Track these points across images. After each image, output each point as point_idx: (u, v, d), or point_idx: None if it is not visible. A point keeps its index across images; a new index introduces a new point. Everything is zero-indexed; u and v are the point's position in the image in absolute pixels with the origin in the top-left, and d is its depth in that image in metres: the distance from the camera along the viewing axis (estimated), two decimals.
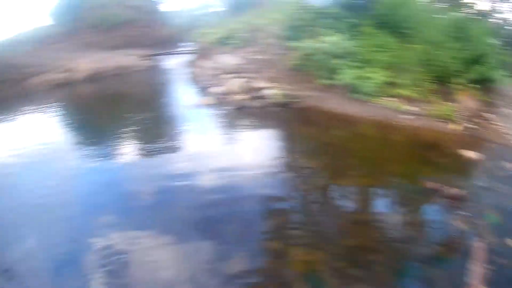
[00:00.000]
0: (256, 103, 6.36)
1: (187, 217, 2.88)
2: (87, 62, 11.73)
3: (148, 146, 4.89)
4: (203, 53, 10.50)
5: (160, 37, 16.77)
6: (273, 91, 6.53)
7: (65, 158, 4.52)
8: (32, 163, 4.28)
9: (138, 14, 17.46)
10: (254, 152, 4.54)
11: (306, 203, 3.22)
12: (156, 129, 5.80)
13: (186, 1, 33.66)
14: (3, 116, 7.90)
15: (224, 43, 9.40)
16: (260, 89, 6.81)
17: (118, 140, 5.23)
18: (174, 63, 12.51)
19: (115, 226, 2.82)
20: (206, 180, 3.55)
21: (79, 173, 3.96)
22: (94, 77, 11.30)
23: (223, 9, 17.90)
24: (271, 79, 6.93)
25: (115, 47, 14.52)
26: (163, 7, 21.24)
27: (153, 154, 4.49)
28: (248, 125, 5.66)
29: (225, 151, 4.55)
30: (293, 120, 5.70)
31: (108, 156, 4.60)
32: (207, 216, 2.88)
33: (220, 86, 7.46)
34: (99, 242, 2.58)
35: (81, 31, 16.13)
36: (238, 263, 2.39)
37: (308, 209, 3.15)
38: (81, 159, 4.45)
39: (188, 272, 2.33)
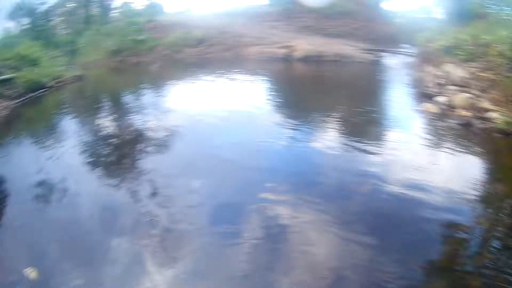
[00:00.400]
0: (478, 124, 5.88)
1: (366, 216, 2.59)
2: (304, 43, 12.41)
3: (351, 140, 4.36)
4: (425, 58, 10.00)
5: (380, 34, 16.23)
6: (496, 114, 5.90)
7: (264, 125, 4.66)
8: (233, 122, 4.62)
9: (359, 7, 17.13)
10: (463, 176, 3.92)
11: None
12: (367, 125, 5.27)
13: (406, 2, 33.93)
14: (217, 75, 9.38)
15: (448, 52, 8.71)
16: (484, 110, 6.21)
17: (323, 126, 5.10)
18: (394, 62, 12.01)
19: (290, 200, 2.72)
20: (393, 187, 3.05)
21: (273, 145, 4.00)
22: (311, 59, 11.69)
23: (444, 16, 16.47)
24: (496, 102, 6.17)
25: (333, 35, 14.69)
26: (384, 4, 20.72)
27: (353, 150, 3.99)
28: (467, 145, 4.95)
29: (432, 166, 3.90)
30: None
31: (308, 137, 4.44)
32: (387, 221, 2.58)
33: (443, 96, 7.14)
34: (265, 207, 2.56)
35: (298, 14, 16.81)
36: (393, 276, 2.06)
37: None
38: (279, 132, 4.41)
39: (334, 261, 2.17)
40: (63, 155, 4.27)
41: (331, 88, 8.27)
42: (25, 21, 35.42)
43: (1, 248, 2.58)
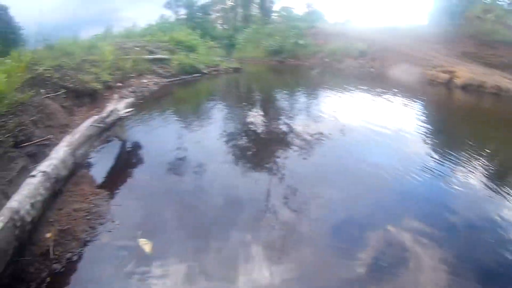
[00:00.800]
0: None
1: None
2: (465, 70, 13.33)
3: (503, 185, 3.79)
4: None
5: None
6: None
7: (415, 153, 4.49)
8: (381, 142, 4.76)
9: None
10: None
11: None
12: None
13: None
14: (377, 90, 10.26)
15: None
16: None
17: (482, 165, 4.40)
18: None
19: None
20: None
21: (419, 174, 3.79)
22: (472, 88, 12.65)
23: None
24: None
25: (493, 65, 15.44)
26: None
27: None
28: None
29: None
30: None
31: (459, 176, 3.96)
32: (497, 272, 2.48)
33: None
34: (388, 235, 2.67)
35: (459, 38, 18.11)
36: None
37: None
38: (429, 164, 4.15)
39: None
40: (202, 139, 4.81)
41: (493, 123, 7.87)
42: (182, 11, 41.03)
43: (125, 214, 2.83)
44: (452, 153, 4.63)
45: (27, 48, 10.53)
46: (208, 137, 4.82)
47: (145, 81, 14.26)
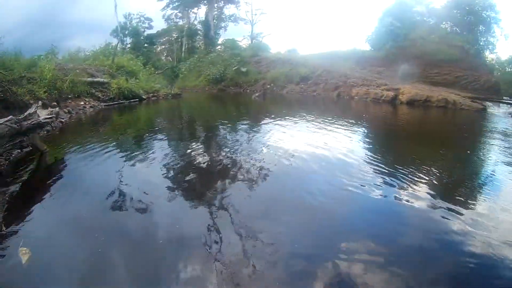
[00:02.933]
0: None
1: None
2: (410, 87, 12.65)
3: (447, 198, 3.67)
4: None
5: (485, 84, 16.23)
6: None
7: (359, 173, 4.26)
8: (325, 167, 4.49)
9: (462, 55, 18.13)
10: None
11: None
12: (471, 179, 4.60)
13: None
14: (320, 114, 9.67)
15: None
16: None
17: (424, 178, 4.24)
18: (502, 111, 12.61)
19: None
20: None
21: (363, 195, 3.61)
22: (417, 103, 12.73)
23: None
24: None
25: (437, 83, 16.19)
26: (487, 54, 21.93)
27: (445, 210, 3.35)
28: None
29: None
30: None
31: (403, 192, 3.80)
32: None
33: None
34: (338, 264, 2.53)
35: (400, 60, 18.12)
36: None
37: None
38: (373, 183, 3.93)
39: None
40: (139, 167, 4.47)
41: (440, 134, 7.99)
42: (128, 40, 40.97)
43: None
44: (398, 171, 4.43)
45: None
46: (146, 168, 4.49)
47: (82, 103, 14.66)
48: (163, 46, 46.58)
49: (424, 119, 10.20)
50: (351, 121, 8.66)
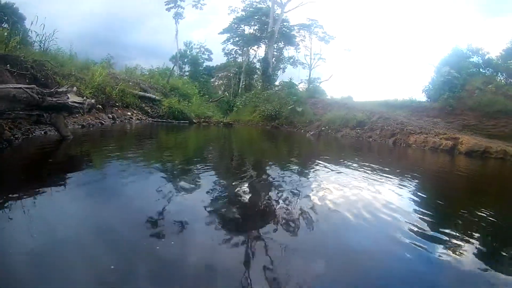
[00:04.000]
0: None
1: None
2: (468, 138, 12.82)
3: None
4: None
5: None
6: None
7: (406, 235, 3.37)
8: (370, 221, 3.77)
9: None
10: None
11: None
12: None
13: None
14: (376, 160, 9.41)
15: None
16: None
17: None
18: None
19: None
20: None
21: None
22: (474, 154, 12.81)
23: None
24: None
25: (494, 135, 16.00)
26: None
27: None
28: None
29: None
30: None
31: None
32: None
33: None
34: None
35: (458, 111, 18.65)
36: None
37: None
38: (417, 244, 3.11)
39: None
40: (180, 190, 4.17)
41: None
42: (186, 68, 43.70)
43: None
44: (455, 231, 3.66)
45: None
46: (186, 193, 4.18)
47: (129, 113, 15.29)
48: (221, 81, 49.19)
49: (488, 172, 9.93)
50: (408, 170, 8.28)
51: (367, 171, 6.86)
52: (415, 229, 3.48)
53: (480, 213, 4.34)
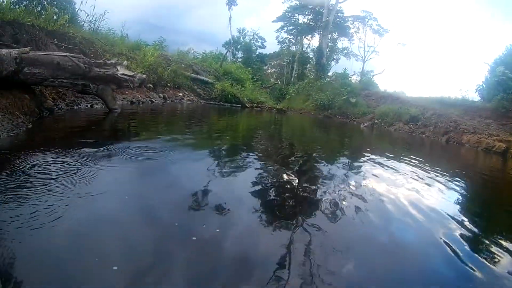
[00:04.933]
0: None
1: None
2: None
3: None
4: None
5: None
6: None
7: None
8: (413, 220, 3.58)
9: None
10: None
11: None
12: None
13: None
14: (429, 158, 9.50)
15: None
16: None
17: None
18: None
19: None
20: None
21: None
22: None
23: None
24: None
25: None
26: None
27: None
28: None
29: None
30: None
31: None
32: None
33: None
34: None
35: (511, 114, 18.37)
36: None
37: None
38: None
39: None
40: (226, 175, 4.14)
41: None
42: (239, 54, 44.65)
43: None
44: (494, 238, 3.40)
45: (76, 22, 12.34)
46: (232, 178, 4.10)
47: (180, 94, 15.90)
48: (274, 69, 49.79)
49: None
50: (460, 169, 8.24)
51: (421, 167, 6.76)
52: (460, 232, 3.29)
53: None
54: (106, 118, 6.44)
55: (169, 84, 14.96)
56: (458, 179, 6.32)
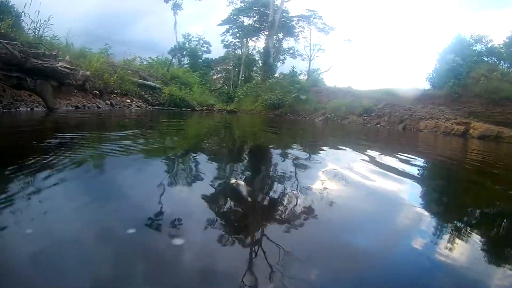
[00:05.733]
0: None
1: None
2: (479, 123, 12.62)
3: None
4: None
5: None
6: None
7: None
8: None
9: None
10: None
11: None
12: None
13: None
14: (388, 146, 8.84)
15: None
16: None
17: None
18: None
19: None
20: None
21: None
22: (487, 138, 12.78)
23: None
24: None
25: (498, 122, 15.53)
26: None
27: None
28: None
29: None
30: None
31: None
32: None
33: None
34: None
35: (464, 99, 18.40)
36: None
37: None
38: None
39: None
40: (175, 181, 3.32)
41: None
42: (185, 60, 43.34)
43: None
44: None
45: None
46: (182, 185, 3.13)
47: (128, 101, 15.12)
48: (220, 75, 48.64)
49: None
50: (421, 152, 7.70)
51: (382, 155, 5.92)
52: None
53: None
54: (41, 122, 5.59)
55: (116, 91, 14.65)
56: (423, 160, 6.00)
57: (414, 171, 4.55)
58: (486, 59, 21.36)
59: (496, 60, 21.17)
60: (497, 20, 65.40)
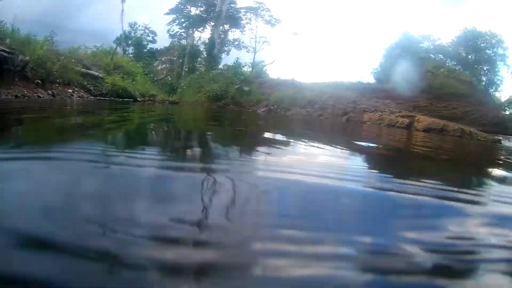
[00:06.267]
0: None
1: None
2: (424, 116, 12.60)
3: None
4: None
5: (493, 120, 17.27)
6: None
7: None
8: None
9: (469, 90, 18.28)
10: None
11: None
12: None
13: None
14: (329, 136, 8.56)
15: None
16: None
17: None
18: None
19: None
20: None
21: None
22: (432, 131, 12.29)
23: None
24: None
25: (443, 117, 15.47)
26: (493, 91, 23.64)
27: None
28: None
29: None
30: None
31: None
32: None
33: None
34: None
35: (407, 94, 17.95)
36: None
37: None
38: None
39: None
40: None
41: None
42: (130, 50, 40.77)
43: None
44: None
45: None
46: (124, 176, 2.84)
47: (70, 91, 15.00)
48: (164, 65, 46.30)
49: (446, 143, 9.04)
50: (365, 143, 6.91)
51: (323, 142, 5.90)
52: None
53: None
54: None
55: (58, 80, 14.48)
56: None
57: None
58: (433, 56, 21.68)
59: (443, 58, 21.56)
60: (449, 18, 68.26)
